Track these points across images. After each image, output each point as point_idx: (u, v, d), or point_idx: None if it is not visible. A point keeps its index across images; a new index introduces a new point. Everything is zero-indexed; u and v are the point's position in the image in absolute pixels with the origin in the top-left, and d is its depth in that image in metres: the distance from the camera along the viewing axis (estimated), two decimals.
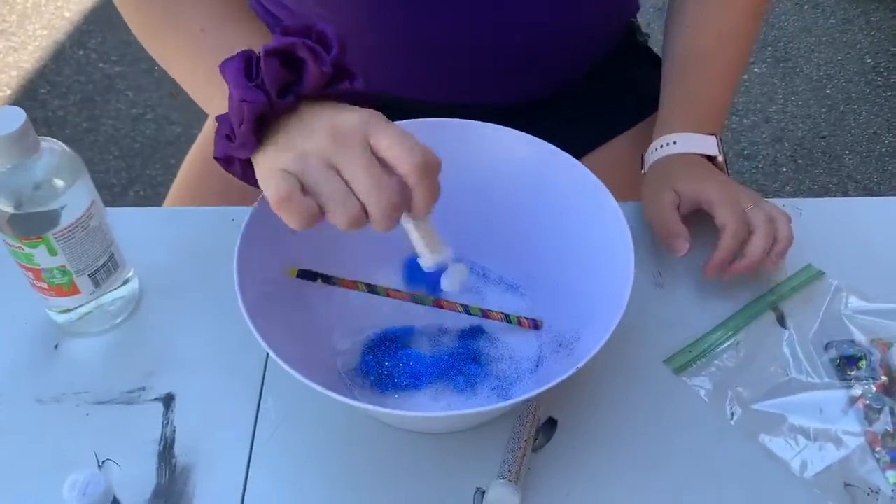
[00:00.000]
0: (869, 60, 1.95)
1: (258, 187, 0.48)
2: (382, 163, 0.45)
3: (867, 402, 0.58)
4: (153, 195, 1.67)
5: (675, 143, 0.69)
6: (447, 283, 0.53)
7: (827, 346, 0.61)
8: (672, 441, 0.57)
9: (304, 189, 0.45)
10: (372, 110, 0.46)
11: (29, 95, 1.86)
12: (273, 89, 0.46)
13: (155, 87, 1.88)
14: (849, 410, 0.58)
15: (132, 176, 1.71)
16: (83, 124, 1.81)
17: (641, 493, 0.55)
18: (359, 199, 0.44)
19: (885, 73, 1.92)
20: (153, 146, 1.76)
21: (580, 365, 0.49)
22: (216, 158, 0.50)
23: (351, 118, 0.45)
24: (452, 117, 0.61)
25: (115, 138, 1.78)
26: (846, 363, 0.60)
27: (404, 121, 0.59)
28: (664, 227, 0.65)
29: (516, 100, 0.77)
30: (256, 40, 0.51)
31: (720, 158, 0.69)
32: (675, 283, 0.66)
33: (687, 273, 0.66)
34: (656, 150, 0.69)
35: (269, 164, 0.46)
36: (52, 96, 1.86)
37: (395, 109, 0.73)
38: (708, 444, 0.57)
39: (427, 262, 0.50)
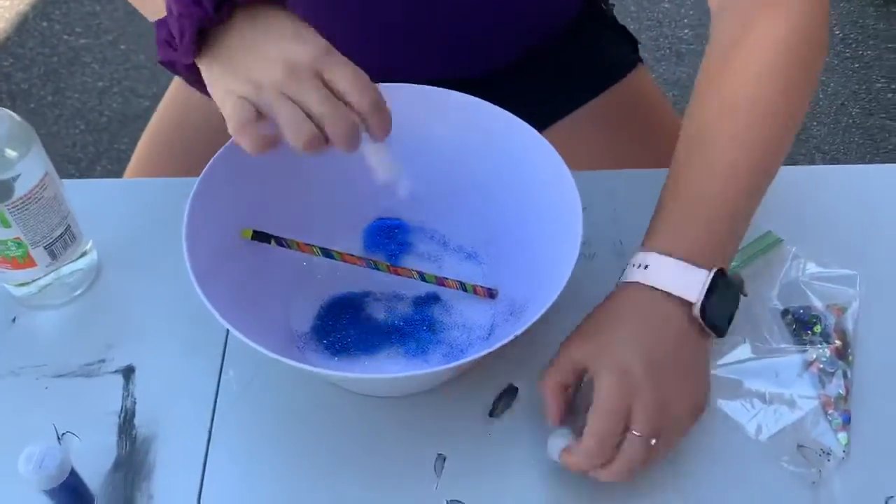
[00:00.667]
0: (837, 32, 1.96)
1: (205, 91, 0.51)
2: (336, 95, 0.48)
3: (821, 365, 0.59)
4: (121, 170, 1.63)
5: (646, 266, 0.52)
6: (402, 191, 0.55)
7: (783, 313, 0.62)
8: None
9: (261, 114, 0.48)
10: (322, 44, 0.49)
11: None
12: (209, 3, 0.48)
13: (121, 59, 1.85)
14: (803, 374, 0.59)
15: (99, 150, 1.69)
16: (48, 97, 1.77)
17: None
18: (316, 124, 0.47)
19: (854, 45, 1.94)
20: (120, 120, 1.74)
21: (518, 332, 0.49)
22: (160, 62, 0.52)
23: (305, 52, 0.48)
24: None
25: (81, 112, 1.75)
26: (802, 328, 0.61)
27: None
28: (543, 387, 0.53)
29: (471, 72, 0.76)
30: None
31: (695, 310, 0.50)
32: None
33: None
34: (631, 266, 0.53)
35: (224, 87, 0.49)
36: (15, 69, 1.82)
37: None
38: None
39: (384, 177, 0.53)
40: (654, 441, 0.49)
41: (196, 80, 0.52)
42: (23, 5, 1.95)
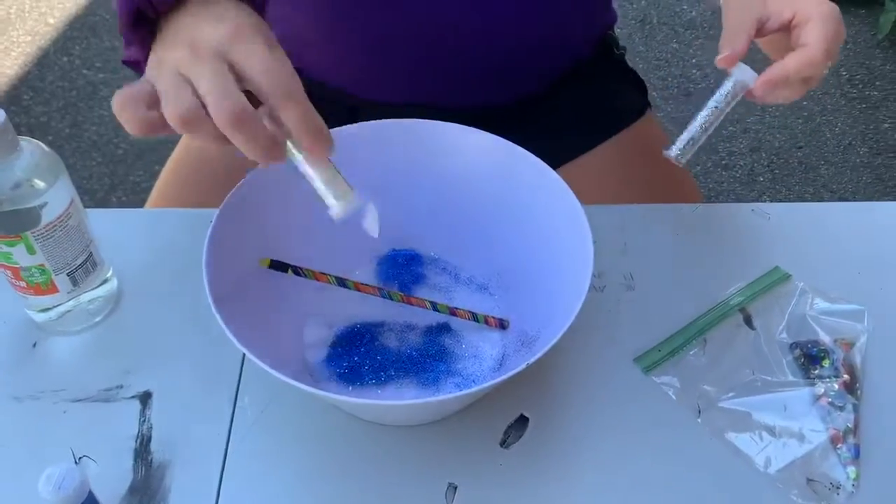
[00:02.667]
0: (844, 73, 1.99)
1: None
2: (242, 80, 0.43)
3: (830, 399, 0.60)
4: (136, 201, 1.67)
5: None
6: (369, 227, 0.50)
7: (792, 346, 0.63)
8: (641, 438, 0.58)
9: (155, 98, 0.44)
10: (237, 25, 0.44)
11: (12, 101, 1.86)
12: None
13: None
14: (812, 408, 0.60)
15: (114, 182, 1.72)
16: (66, 130, 1.81)
17: (610, 490, 0.56)
18: (201, 101, 0.43)
19: (860, 86, 1.96)
20: (136, 153, 1.77)
21: (531, 361, 0.49)
22: (123, 62, 0.51)
23: (212, 33, 0.44)
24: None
25: (97, 144, 1.78)
26: (810, 362, 0.62)
27: (379, 121, 0.61)
28: (729, 32, 0.59)
29: (479, 104, 0.77)
30: None
31: None
32: (646, 286, 0.67)
33: (658, 276, 0.68)
34: None
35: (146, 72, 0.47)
36: (35, 102, 1.86)
37: (353, 108, 0.75)
38: (676, 441, 0.58)
39: (336, 210, 0.47)
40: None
41: None
42: (44, 41, 2.00)
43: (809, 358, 0.62)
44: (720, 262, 0.66)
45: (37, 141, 0.57)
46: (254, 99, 0.45)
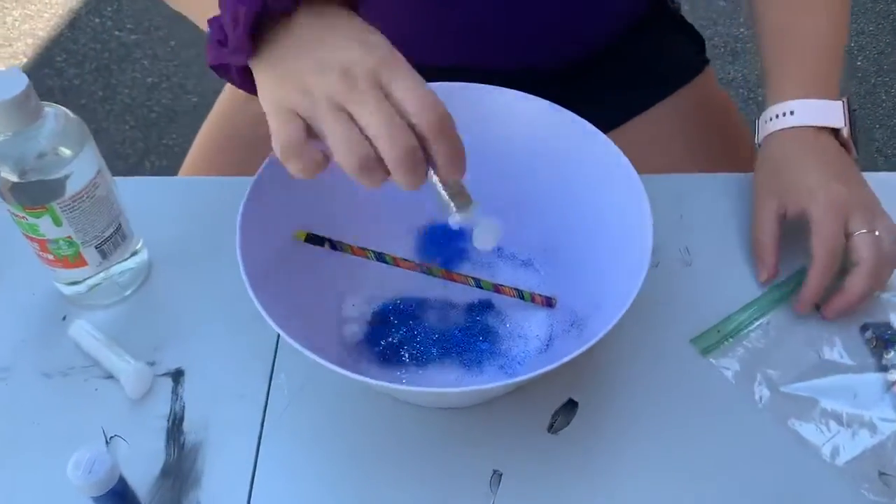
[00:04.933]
0: None
1: (256, 94, 0.45)
2: (397, 109, 0.41)
3: None
4: (169, 166, 1.65)
5: (791, 113, 0.61)
6: (479, 240, 0.48)
7: (863, 328, 0.59)
8: (696, 426, 0.55)
9: (310, 130, 0.42)
10: (386, 47, 0.43)
11: (45, 63, 1.85)
12: None
13: (171, 56, 1.86)
14: (885, 396, 0.56)
15: (148, 146, 1.70)
16: (99, 93, 1.79)
17: (664, 480, 0.53)
18: (371, 145, 0.41)
19: None
20: (169, 116, 1.75)
21: (583, 348, 0.46)
22: (210, 66, 0.47)
23: (365, 58, 0.42)
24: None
25: (130, 108, 1.77)
26: (883, 346, 0.57)
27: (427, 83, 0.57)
28: (757, 245, 0.62)
29: (528, 66, 0.74)
30: None
31: (845, 132, 0.61)
32: (704, 261, 0.63)
33: (717, 250, 0.64)
34: (770, 119, 0.63)
35: (273, 95, 0.43)
36: (68, 64, 1.85)
37: None
38: (734, 429, 0.55)
39: (455, 219, 0.45)
40: (876, 233, 0.57)
41: (249, 87, 0.46)
42: (75, 2, 1.98)
43: (882, 342, 0.57)
44: (785, 234, 0.62)
45: (62, 107, 0.54)
46: None
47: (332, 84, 0.41)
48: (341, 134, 0.41)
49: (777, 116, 0.62)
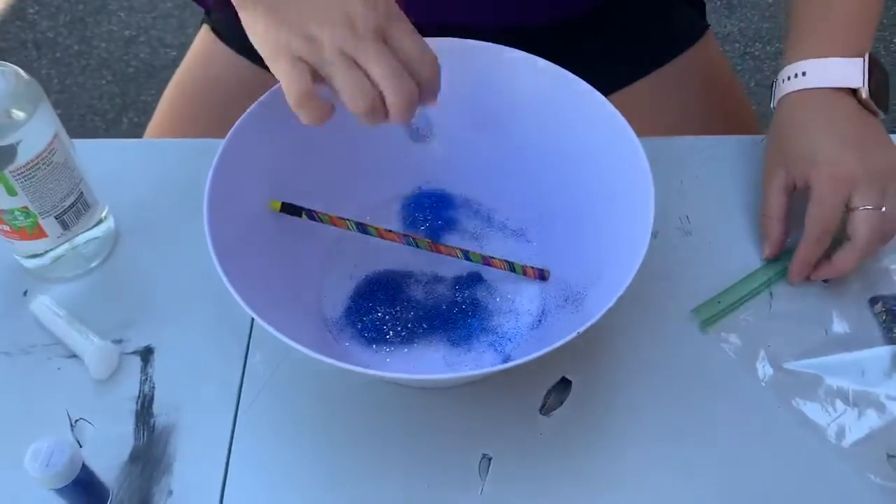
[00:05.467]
0: None
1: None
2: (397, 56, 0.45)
3: None
4: (148, 123, 1.60)
5: (803, 74, 0.57)
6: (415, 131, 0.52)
7: (872, 301, 0.56)
8: (696, 404, 0.52)
9: (316, 76, 0.44)
10: (390, 2, 0.45)
11: (16, 15, 1.77)
12: None
13: (148, 7, 1.79)
14: (893, 373, 0.53)
15: (126, 102, 1.64)
16: (74, 47, 1.72)
17: (662, 462, 0.50)
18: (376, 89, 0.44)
19: None
20: (148, 70, 1.69)
21: (582, 328, 0.43)
22: None
23: (370, 9, 0.44)
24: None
25: (107, 62, 1.70)
26: (893, 320, 0.54)
27: None
28: (763, 218, 0.58)
29: (517, 24, 0.69)
30: None
31: (863, 93, 0.55)
32: (705, 229, 0.60)
33: (719, 218, 0.60)
34: (783, 81, 0.58)
35: (274, 40, 0.44)
36: (41, 17, 1.77)
37: None
38: (735, 407, 0.52)
39: (413, 132, 0.52)
40: (883, 209, 0.53)
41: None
42: None
43: (893, 315, 0.55)
44: (796, 202, 0.58)
45: (13, 65, 0.50)
46: None
47: (336, 31, 0.44)
48: (352, 80, 0.44)
49: (789, 78, 0.57)
